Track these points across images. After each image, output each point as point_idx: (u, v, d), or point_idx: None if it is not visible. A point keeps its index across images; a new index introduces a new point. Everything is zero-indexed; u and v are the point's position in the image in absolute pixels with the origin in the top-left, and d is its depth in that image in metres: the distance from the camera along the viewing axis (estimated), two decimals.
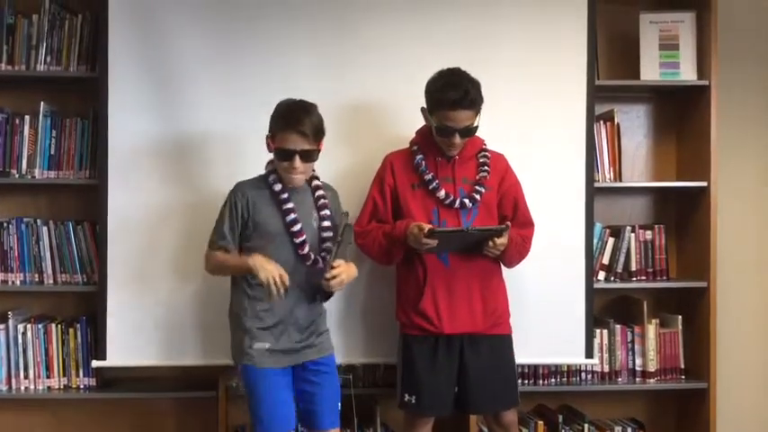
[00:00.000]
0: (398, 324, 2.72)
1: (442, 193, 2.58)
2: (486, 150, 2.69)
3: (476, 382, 2.59)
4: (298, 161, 2.43)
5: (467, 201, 2.59)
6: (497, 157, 2.71)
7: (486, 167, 2.64)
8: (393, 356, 2.81)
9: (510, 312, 2.71)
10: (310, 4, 2.92)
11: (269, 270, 2.36)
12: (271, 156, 2.53)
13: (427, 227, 2.45)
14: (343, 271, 2.41)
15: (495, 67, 2.92)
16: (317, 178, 2.59)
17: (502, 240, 2.49)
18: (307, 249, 2.47)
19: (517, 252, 2.63)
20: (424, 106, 2.62)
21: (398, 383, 2.67)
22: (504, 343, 2.66)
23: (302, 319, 2.50)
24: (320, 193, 2.56)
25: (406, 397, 2.62)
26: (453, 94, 2.49)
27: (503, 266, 2.70)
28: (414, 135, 2.72)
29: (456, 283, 2.59)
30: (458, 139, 2.54)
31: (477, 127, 2.57)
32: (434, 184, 2.59)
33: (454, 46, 2.93)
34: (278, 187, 2.49)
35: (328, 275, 2.39)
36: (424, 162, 2.62)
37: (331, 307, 2.69)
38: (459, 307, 2.58)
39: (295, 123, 2.42)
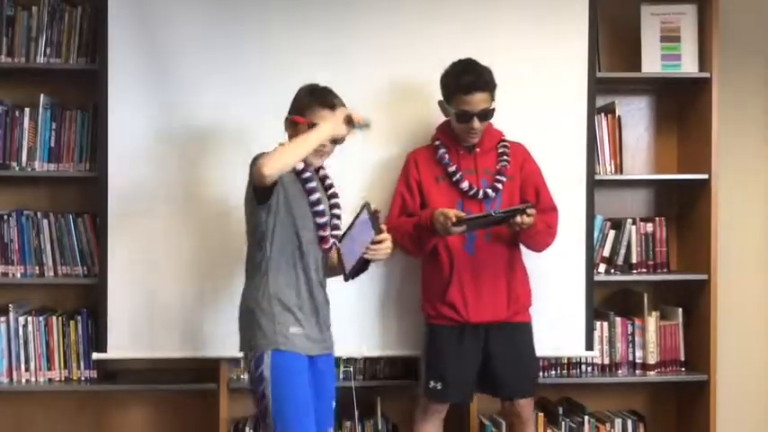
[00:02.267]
0: (423, 315, 2.76)
1: (465, 185, 2.65)
2: (505, 141, 2.75)
3: (498, 368, 2.66)
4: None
5: (489, 191, 2.66)
6: (516, 146, 2.77)
7: (505, 157, 2.71)
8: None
9: (531, 301, 2.76)
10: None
11: (335, 123, 2.32)
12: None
13: (452, 212, 2.49)
14: (389, 237, 2.36)
15: (496, 60, 2.86)
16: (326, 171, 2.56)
17: (528, 219, 2.50)
18: (328, 231, 2.42)
19: (542, 238, 2.70)
20: (441, 99, 2.68)
21: (423, 371, 2.72)
22: (525, 330, 2.73)
23: (321, 306, 2.46)
24: (327, 176, 2.53)
25: (431, 384, 2.67)
26: (467, 78, 2.58)
27: (523, 256, 2.76)
28: (434, 131, 2.79)
29: (481, 272, 2.64)
30: (477, 123, 2.60)
31: (493, 110, 2.62)
32: (458, 176, 2.66)
33: (455, 39, 2.92)
34: (301, 166, 2.41)
35: (378, 237, 2.31)
36: (447, 155, 2.68)
37: (346, 299, 2.68)
38: (485, 295, 2.64)
39: (329, 101, 2.40)
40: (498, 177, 2.67)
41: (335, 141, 2.41)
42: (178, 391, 3.14)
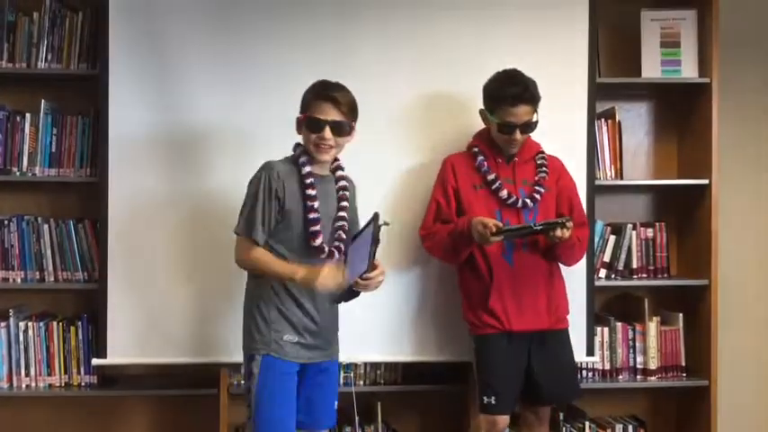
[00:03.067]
0: (468, 326, 2.75)
1: (504, 193, 2.65)
2: (543, 153, 2.77)
3: (544, 376, 2.66)
4: (328, 132, 2.37)
5: (528, 201, 2.66)
6: (553, 159, 2.79)
7: (544, 168, 2.72)
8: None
9: (569, 309, 2.78)
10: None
11: (329, 284, 2.27)
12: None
13: (491, 222, 2.50)
14: (382, 272, 2.35)
15: (496, 65, 2.91)
16: (342, 168, 2.53)
17: (566, 233, 2.52)
18: (320, 241, 2.38)
19: (575, 252, 2.72)
20: (482, 108, 2.69)
21: (478, 386, 2.70)
22: (565, 337, 2.74)
23: (325, 325, 2.46)
24: (343, 183, 2.50)
25: (485, 399, 2.65)
26: (514, 89, 2.60)
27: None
28: (471, 138, 2.79)
29: (521, 282, 2.65)
30: (518, 135, 2.62)
31: (536, 122, 2.65)
32: (497, 184, 2.66)
33: (455, 45, 2.94)
34: (307, 170, 2.40)
35: (370, 275, 2.31)
36: (486, 163, 2.69)
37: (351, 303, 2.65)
38: (526, 305, 2.65)
39: (328, 92, 2.39)
40: (537, 188, 2.68)
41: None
42: (178, 397, 3.14)
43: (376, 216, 2.28)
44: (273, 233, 2.40)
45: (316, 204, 2.40)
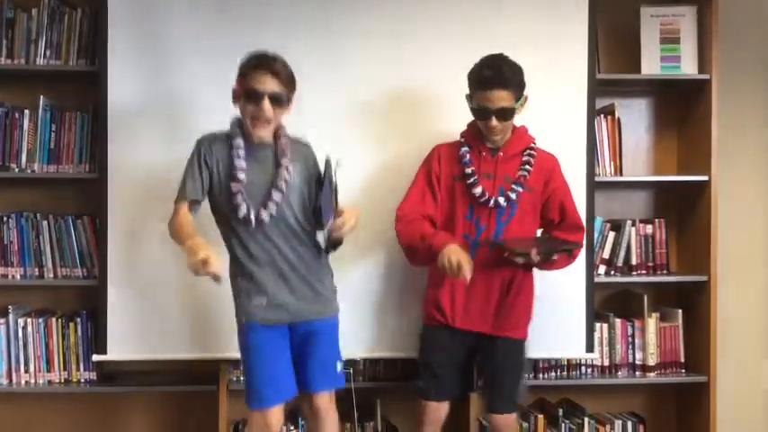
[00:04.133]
0: (423, 312, 2.76)
1: (478, 190, 2.57)
2: (533, 149, 2.65)
3: (483, 379, 2.66)
4: (267, 104, 2.35)
5: (502, 200, 2.57)
6: (545, 156, 2.68)
7: (528, 167, 2.61)
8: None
9: (531, 317, 2.70)
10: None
11: (193, 261, 2.23)
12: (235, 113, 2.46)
13: (467, 266, 2.42)
14: (352, 215, 2.36)
15: None
16: (286, 134, 2.49)
17: (532, 259, 2.48)
18: (243, 212, 2.37)
19: (559, 266, 2.66)
20: (468, 93, 2.62)
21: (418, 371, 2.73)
22: (514, 347, 2.65)
23: (291, 271, 2.45)
24: (282, 147, 2.45)
25: (417, 383, 2.67)
26: (487, 72, 2.51)
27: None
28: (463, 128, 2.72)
29: (476, 281, 2.54)
30: (494, 122, 2.52)
31: (513, 110, 2.54)
32: (472, 179, 2.58)
33: (454, 41, 2.94)
34: (239, 143, 2.41)
35: (339, 222, 2.33)
36: (468, 155, 2.61)
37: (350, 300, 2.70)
38: (474, 306, 2.61)
39: (267, 62, 2.36)
40: (514, 187, 2.58)
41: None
42: (178, 393, 3.14)
43: (327, 161, 2.35)
44: (215, 211, 2.46)
45: (241, 175, 2.39)
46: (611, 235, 3.20)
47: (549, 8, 2.98)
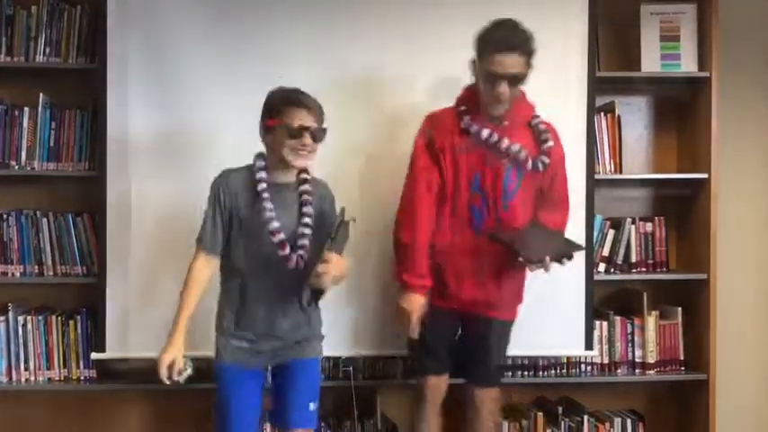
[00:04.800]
0: None
1: (505, 143, 2.45)
2: (538, 116, 2.58)
3: (466, 352, 2.65)
4: (308, 138, 2.34)
5: (539, 163, 2.49)
6: (550, 126, 2.61)
7: (548, 135, 2.54)
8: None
9: (521, 299, 2.71)
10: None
11: (160, 368, 2.33)
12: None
13: (415, 323, 2.50)
14: (335, 265, 2.26)
15: None
16: (307, 173, 2.47)
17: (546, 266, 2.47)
18: (288, 250, 2.34)
19: None
20: (474, 59, 2.50)
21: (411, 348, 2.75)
22: (503, 327, 2.68)
23: (287, 330, 2.44)
24: (305, 188, 2.43)
25: (417, 359, 2.68)
26: (503, 33, 2.41)
27: None
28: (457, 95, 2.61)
29: (470, 258, 2.54)
30: (504, 88, 2.41)
31: (525, 76, 2.45)
32: (492, 139, 2.45)
33: (453, 38, 2.90)
34: (262, 179, 2.38)
35: (319, 269, 2.26)
36: (473, 123, 2.48)
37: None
38: (468, 284, 2.58)
39: (303, 100, 2.35)
40: (542, 158, 2.49)
41: None
42: (176, 390, 3.11)
43: (341, 211, 2.33)
44: (232, 248, 2.42)
45: (272, 213, 2.35)
46: (611, 233, 3.21)
47: (549, 6, 2.99)
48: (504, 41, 2.39)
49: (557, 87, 2.97)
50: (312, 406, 2.49)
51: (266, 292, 2.40)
